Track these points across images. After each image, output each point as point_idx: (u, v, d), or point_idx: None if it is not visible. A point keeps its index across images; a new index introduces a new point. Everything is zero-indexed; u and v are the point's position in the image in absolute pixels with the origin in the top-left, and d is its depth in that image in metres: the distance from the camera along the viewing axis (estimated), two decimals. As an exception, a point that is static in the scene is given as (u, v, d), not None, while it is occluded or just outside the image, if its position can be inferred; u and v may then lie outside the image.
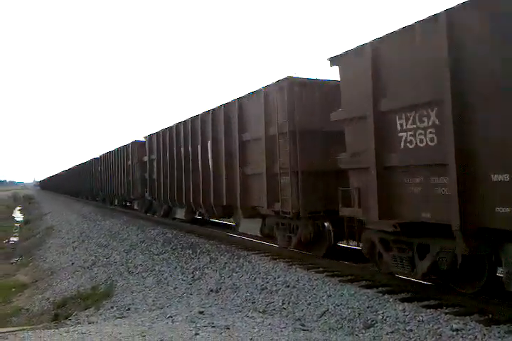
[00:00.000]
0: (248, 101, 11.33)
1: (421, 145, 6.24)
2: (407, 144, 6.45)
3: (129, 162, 24.32)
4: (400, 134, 6.54)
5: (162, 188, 18.17)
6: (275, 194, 9.98)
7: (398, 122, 6.57)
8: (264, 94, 10.37)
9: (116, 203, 30.31)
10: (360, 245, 8.06)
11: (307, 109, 9.33)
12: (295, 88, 9.37)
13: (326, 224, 9.50)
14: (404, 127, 6.48)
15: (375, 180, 6.87)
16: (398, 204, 6.62)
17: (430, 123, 6.10)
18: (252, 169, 11.17)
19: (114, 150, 28.56)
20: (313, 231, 9.45)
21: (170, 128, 17.31)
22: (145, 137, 21.11)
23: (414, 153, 6.33)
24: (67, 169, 59.74)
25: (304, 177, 9.26)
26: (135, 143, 23.51)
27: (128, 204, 27.37)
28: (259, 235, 11.96)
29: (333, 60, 7.85)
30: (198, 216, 16.57)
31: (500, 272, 6.27)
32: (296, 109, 9.31)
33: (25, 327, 10.09)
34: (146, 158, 20.98)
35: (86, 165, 41.26)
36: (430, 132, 6.10)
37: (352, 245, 9.24)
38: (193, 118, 14.82)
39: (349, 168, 7.73)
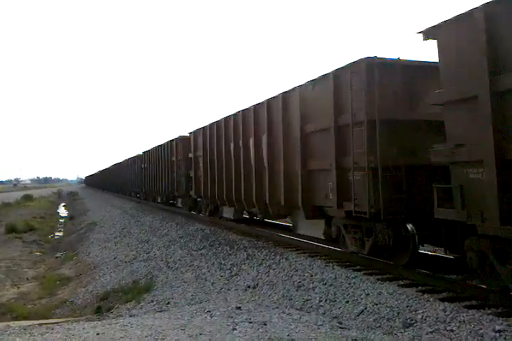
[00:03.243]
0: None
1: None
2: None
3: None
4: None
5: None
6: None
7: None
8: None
9: (158, 200, 29.72)
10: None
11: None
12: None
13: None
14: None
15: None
16: None
17: None
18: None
19: (158, 147, 27.86)
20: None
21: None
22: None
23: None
24: (110, 166, 60.52)
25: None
26: (179, 138, 22.72)
27: (172, 201, 26.72)
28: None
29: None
30: (248, 215, 16.20)
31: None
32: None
33: (69, 319, 10.46)
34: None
35: (129, 162, 40.84)
36: None
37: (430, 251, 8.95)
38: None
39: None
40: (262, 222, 15.01)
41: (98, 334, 6.32)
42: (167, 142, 25.23)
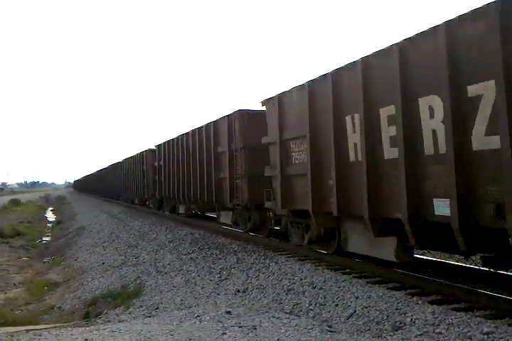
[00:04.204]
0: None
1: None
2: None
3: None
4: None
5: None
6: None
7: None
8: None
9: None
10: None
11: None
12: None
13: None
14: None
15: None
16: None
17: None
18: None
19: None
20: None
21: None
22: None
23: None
24: (95, 172, 63.08)
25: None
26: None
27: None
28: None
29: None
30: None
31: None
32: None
33: (57, 325, 10.34)
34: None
35: (111, 168, 46.23)
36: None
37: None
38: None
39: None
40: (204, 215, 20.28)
41: (86, 340, 6.25)
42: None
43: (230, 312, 7.48)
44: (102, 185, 54.38)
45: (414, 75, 6.65)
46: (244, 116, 13.44)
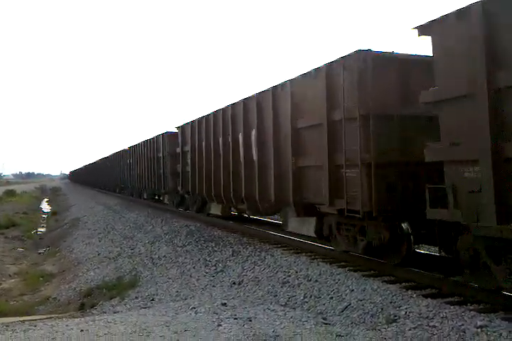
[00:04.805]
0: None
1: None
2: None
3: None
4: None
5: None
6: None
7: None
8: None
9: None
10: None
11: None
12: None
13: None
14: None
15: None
16: None
17: None
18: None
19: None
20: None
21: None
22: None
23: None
24: (96, 161, 59.37)
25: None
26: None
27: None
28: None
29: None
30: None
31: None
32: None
33: (52, 316, 10.37)
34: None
35: (114, 158, 40.02)
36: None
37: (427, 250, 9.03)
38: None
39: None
40: (249, 219, 15.19)
41: (82, 330, 6.28)
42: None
43: (225, 304, 7.52)
44: (102, 177, 49.14)
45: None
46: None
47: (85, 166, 76.29)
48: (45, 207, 49.57)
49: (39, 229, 29.52)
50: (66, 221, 29.90)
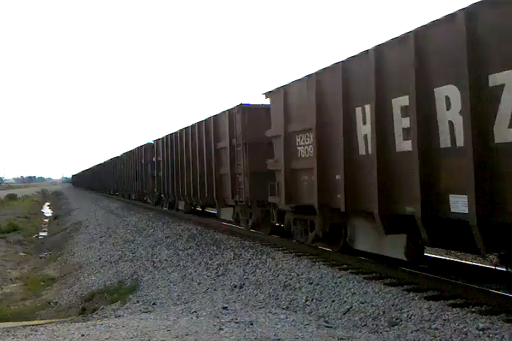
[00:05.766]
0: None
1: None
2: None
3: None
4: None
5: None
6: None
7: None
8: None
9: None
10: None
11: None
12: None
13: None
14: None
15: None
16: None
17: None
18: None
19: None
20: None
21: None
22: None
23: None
24: (94, 165, 62.19)
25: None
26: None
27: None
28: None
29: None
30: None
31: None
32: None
33: (53, 320, 10.35)
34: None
35: (110, 163, 44.69)
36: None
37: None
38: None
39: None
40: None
41: (83, 335, 6.25)
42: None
43: (226, 307, 7.49)
44: (100, 181, 53.51)
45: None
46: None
47: (86, 170, 77.49)
48: (47, 211, 49.59)
49: (40, 234, 29.51)
50: (67, 225, 29.88)
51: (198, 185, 16.89)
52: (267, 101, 11.66)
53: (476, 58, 5.66)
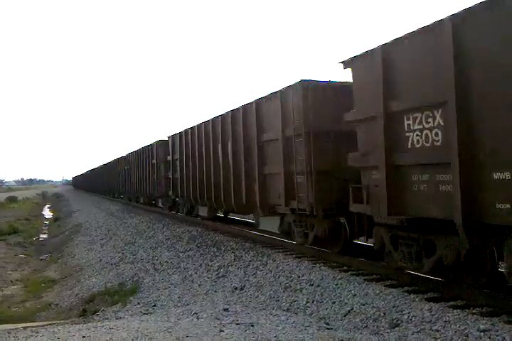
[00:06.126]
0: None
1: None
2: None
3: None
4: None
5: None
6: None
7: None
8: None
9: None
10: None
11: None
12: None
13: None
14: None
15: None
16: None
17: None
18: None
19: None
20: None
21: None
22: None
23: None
24: (97, 167, 60.31)
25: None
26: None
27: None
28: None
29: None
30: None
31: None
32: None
33: (54, 322, 10.34)
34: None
35: (113, 164, 41.93)
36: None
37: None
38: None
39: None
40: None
41: (84, 337, 6.25)
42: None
43: (227, 309, 7.50)
44: (102, 183, 50.42)
45: None
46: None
47: (87, 172, 76.37)
48: (47, 213, 49.59)
49: (41, 236, 29.54)
50: (68, 227, 29.90)
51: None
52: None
53: None
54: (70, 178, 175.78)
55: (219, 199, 14.68)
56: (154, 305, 9.67)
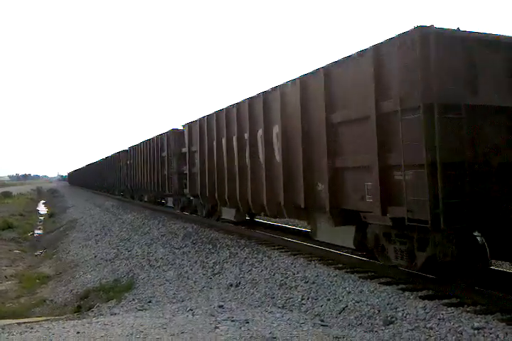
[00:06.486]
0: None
1: None
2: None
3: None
4: None
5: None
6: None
7: None
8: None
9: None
10: None
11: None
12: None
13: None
14: None
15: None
16: None
17: None
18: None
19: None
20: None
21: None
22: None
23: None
24: (92, 163, 57.45)
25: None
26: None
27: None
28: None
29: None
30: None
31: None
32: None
33: (49, 318, 10.33)
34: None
35: (113, 159, 38.02)
36: None
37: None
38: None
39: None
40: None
41: (78, 333, 6.25)
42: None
43: (222, 306, 7.50)
44: (100, 179, 46.70)
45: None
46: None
47: (83, 167, 74.18)
48: (42, 208, 49.43)
49: (36, 231, 29.45)
50: (63, 223, 29.82)
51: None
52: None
53: None
54: (65, 174, 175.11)
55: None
56: (149, 302, 9.67)
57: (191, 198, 18.17)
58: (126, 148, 32.83)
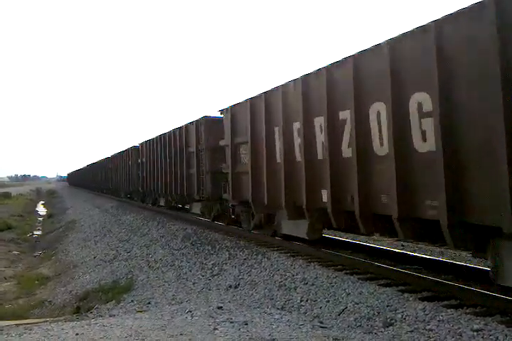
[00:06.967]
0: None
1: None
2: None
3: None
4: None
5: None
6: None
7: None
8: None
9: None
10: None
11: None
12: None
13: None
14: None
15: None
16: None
17: None
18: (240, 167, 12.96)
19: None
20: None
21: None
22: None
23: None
24: (93, 163, 56.15)
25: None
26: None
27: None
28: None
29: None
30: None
31: None
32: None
33: (48, 319, 10.31)
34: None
35: (120, 157, 34.85)
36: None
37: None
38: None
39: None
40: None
41: (77, 334, 6.24)
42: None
43: (221, 307, 7.49)
44: (105, 180, 43.34)
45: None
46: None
47: (84, 168, 71.03)
48: (41, 209, 49.41)
49: (35, 232, 29.43)
50: (62, 224, 29.81)
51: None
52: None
53: None
54: (64, 175, 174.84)
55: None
56: (148, 303, 9.66)
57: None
58: (136, 144, 29.07)
